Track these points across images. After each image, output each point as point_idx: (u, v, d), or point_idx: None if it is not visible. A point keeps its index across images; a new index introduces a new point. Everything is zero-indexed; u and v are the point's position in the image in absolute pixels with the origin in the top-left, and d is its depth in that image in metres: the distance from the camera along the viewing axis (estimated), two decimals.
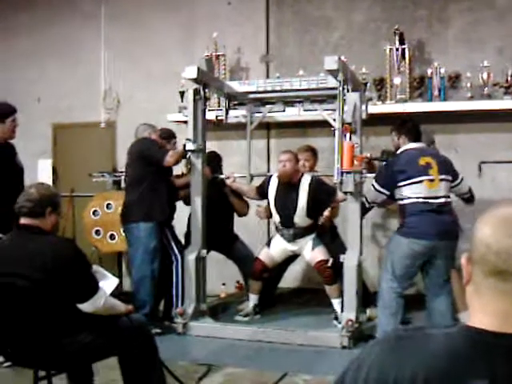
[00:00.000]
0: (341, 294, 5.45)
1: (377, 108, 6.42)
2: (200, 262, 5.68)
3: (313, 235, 5.73)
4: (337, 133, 5.01)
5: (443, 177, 5.04)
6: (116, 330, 3.40)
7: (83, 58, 8.11)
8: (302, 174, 5.74)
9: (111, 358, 3.47)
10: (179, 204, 6.11)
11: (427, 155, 5.07)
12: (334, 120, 5.30)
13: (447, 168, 5.15)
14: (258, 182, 6.15)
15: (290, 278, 6.96)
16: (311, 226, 5.73)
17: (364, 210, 5.35)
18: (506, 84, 6.31)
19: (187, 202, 6.01)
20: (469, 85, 6.48)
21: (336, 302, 5.54)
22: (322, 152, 6.46)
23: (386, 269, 5.10)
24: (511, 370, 1.18)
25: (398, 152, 5.22)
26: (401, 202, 5.09)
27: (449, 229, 5.00)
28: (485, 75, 6.38)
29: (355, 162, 4.99)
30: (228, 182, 6.07)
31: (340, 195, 5.48)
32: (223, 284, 6.94)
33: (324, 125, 5.84)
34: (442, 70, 6.57)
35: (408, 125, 5.28)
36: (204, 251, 5.70)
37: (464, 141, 6.70)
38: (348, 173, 4.98)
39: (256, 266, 5.85)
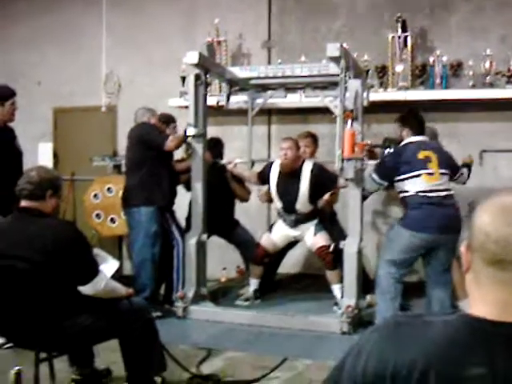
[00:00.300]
0: (341, 280, 5.47)
1: (378, 95, 6.42)
2: (201, 246, 5.69)
3: (315, 221, 5.74)
4: (338, 119, 5.01)
5: (443, 171, 5.06)
6: (116, 312, 3.42)
7: (84, 44, 8.09)
8: (304, 161, 5.74)
9: (112, 340, 3.49)
10: (180, 189, 6.11)
11: (427, 149, 5.09)
12: (336, 107, 5.29)
13: (448, 162, 5.17)
14: (259, 167, 6.16)
15: (290, 264, 6.98)
16: (313, 212, 5.74)
17: (362, 198, 5.37)
18: (509, 73, 6.29)
19: (188, 187, 6.01)
20: (471, 73, 6.47)
21: (336, 288, 5.56)
22: (323, 138, 6.46)
23: (385, 255, 5.13)
24: (509, 358, 1.18)
25: (400, 145, 5.24)
26: (401, 195, 5.13)
27: (450, 222, 5.00)
28: (487, 64, 6.36)
29: (356, 149, 4.99)
30: (229, 167, 6.07)
31: (341, 181, 5.49)
32: (224, 268, 6.96)
33: (325, 111, 5.83)
34: (444, 58, 6.55)
35: (411, 117, 5.28)
36: (205, 236, 5.71)
37: (465, 129, 6.70)
38: (349, 160, 4.98)
39: (258, 251, 5.86)
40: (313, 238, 5.69)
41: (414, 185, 4.98)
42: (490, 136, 6.61)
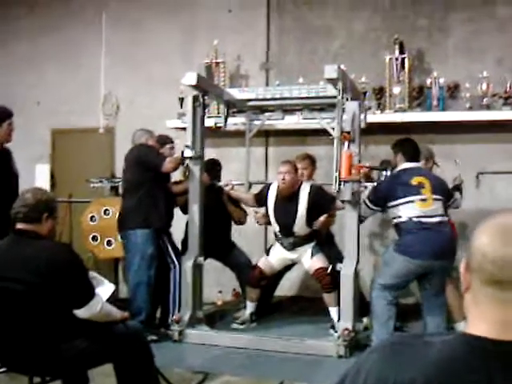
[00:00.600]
0: (338, 303, 5.45)
1: (376, 117, 6.44)
2: (197, 269, 5.66)
3: (312, 243, 5.72)
4: (335, 141, 5.00)
5: (437, 196, 5.10)
6: (112, 336, 3.39)
7: (83, 63, 8.12)
8: (301, 183, 5.73)
9: (106, 364, 3.45)
10: (176, 211, 6.09)
11: (420, 175, 5.13)
12: (333, 129, 5.30)
13: (441, 188, 5.21)
14: (256, 189, 6.14)
15: (287, 286, 6.95)
16: (310, 235, 5.72)
17: (359, 221, 5.38)
18: (505, 95, 6.32)
19: (184, 209, 5.99)
20: (468, 95, 6.49)
21: (333, 311, 5.52)
22: (320, 160, 6.46)
23: (379, 278, 5.15)
24: (508, 376, 1.18)
25: (393, 172, 5.29)
26: (395, 221, 5.16)
27: (444, 248, 5.02)
28: (484, 86, 6.39)
29: (353, 171, 4.99)
30: (226, 189, 6.06)
31: (339, 203, 5.49)
32: (220, 291, 6.93)
33: (323, 133, 5.83)
34: (442, 80, 6.58)
35: (405, 144, 5.35)
36: (201, 258, 5.68)
37: (462, 151, 6.70)
38: (346, 182, 4.98)
39: (254, 273, 5.83)
40: (310, 260, 5.67)
41: (407, 210, 5.01)
42: (486, 158, 6.62)
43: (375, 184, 5.47)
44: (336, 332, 5.22)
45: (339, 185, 4.95)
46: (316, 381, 4.43)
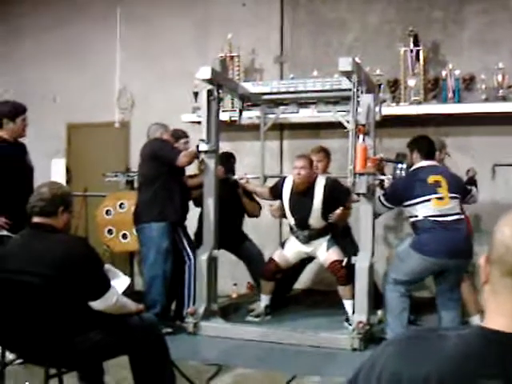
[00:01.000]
0: (353, 296, 5.45)
1: (391, 110, 6.41)
2: (212, 262, 5.68)
3: (328, 236, 5.72)
4: (350, 134, 4.99)
5: (453, 195, 5.08)
6: (127, 328, 3.41)
7: (98, 58, 8.16)
8: (317, 176, 5.72)
9: (122, 356, 3.47)
10: (190, 204, 6.11)
11: (437, 173, 5.12)
12: (348, 122, 5.29)
13: (457, 186, 5.19)
14: (271, 183, 6.14)
15: (302, 279, 6.94)
16: (326, 228, 5.70)
17: (374, 215, 5.37)
18: None
19: (198, 203, 6.01)
20: (483, 87, 6.44)
21: (348, 304, 5.52)
22: (335, 153, 6.44)
23: (393, 273, 5.14)
24: None
25: (410, 170, 5.28)
26: (411, 220, 5.16)
27: (460, 247, 5.01)
28: (499, 77, 6.34)
29: (368, 164, 4.98)
30: (241, 182, 6.07)
31: (355, 196, 5.48)
32: (234, 284, 6.94)
33: (337, 126, 5.82)
34: (457, 72, 6.53)
35: (421, 141, 5.33)
36: (216, 251, 5.70)
37: (478, 143, 6.67)
38: (361, 174, 4.97)
39: (269, 266, 5.84)
40: (326, 253, 5.65)
41: (423, 209, 5.01)
42: (502, 149, 6.57)
43: (389, 177, 5.46)
44: (350, 325, 5.23)
45: (354, 177, 4.94)
46: (330, 374, 4.41)
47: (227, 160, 6.23)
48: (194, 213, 6.14)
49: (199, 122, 5.88)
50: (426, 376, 1.21)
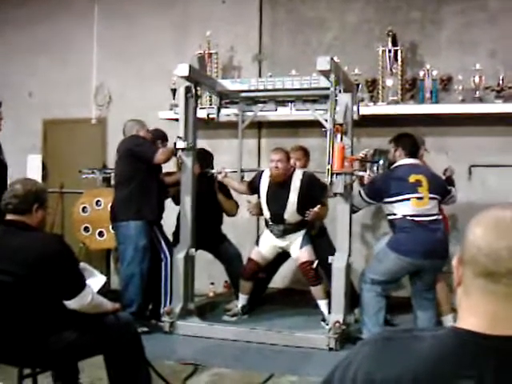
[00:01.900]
0: (327, 295, 5.45)
1: (369, 109, 6.42)
2: (189, 260, 5.66)
3: (303, 231, 5.71)
4: (328, 133, 4.98)
5: (433, 195, 5.11)
6: (102, 328, 3.38)
7: (75, 55, 8.09)
8: (294, 170, 5.71)
9: (97, 356, 3.44)
10: (167, 203, 6.07)
11: (418, 173, 5.13)
12: (326, 120, 5.28)
13: (438, 186, 5.22)
14: (248, 178, 6.13)
15: (279, 279, 6.94)
16: (301, 223, 5.68)
17: (351, 211, 5.37)
18: (498, 88, 6.31)
19: (176, 200, 5.98)
20: (460, 88, 6.48)
21: (322, 303, 5.53)
22: (313, 152, 6.43)
23: (369, 272, 5.16)
24: (498, 371, 1.17)
25: (392, 167, 5.29)
26: (389, 218, 5.17)
27: (437, 248, 5.05)
28: (477, 78, 6.37)
29: (346, 164, 4.98)
30: (219, 177, 6.04)
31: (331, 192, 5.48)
32: (212, 283, 6.92)
33: (315, 125, 5.82)
34: (434, 73, 6.57)
35: (404, 139, 5.36)
36: (193, 250, 5.68)
37: (455, 144, 6.71)
38: (338, 174, 4.97)
39: (249, 265, 5.82)
40: (298, 250, 5.66)
41: (402, 208, 5.03)
42: (478, 150, 6.62)
43: (368, 173, 5.47)
44: (327, 324, 5.23)
45: (331, 177, 4.94)
46: (306, 373, 4.42)
47: (203, 156, 6.17)
48: (170, 212, 6.10)
49: (177, 120, 5.87)
50: (397, 377, 1.22)
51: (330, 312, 5.32)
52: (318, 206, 5.57)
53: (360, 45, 7.02)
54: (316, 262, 5.52)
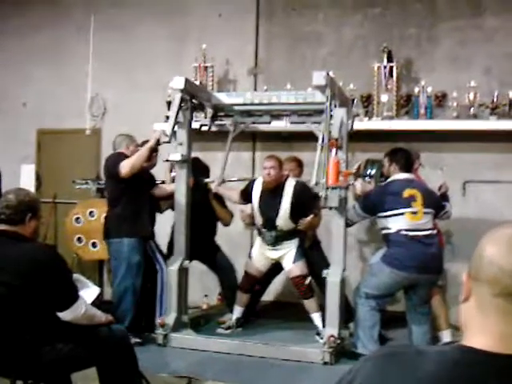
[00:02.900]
0: (320, 308, 5.44)
1: (363, 124, 6.44)
2: (182, 272, 5.64)
3: (295, 241, 5.68)
4: (318, 148, 4.93)
5: (427, 210, 5.13)
6: (96, 340, 3.37)
7: (71, 65, 8.08)
8: (287, 177, 5.72)
9: (90, 368, 3.42)
10: (161, 216, 6.05)
11: (413, 187, 5.15)
12: (321, 132, 5.27)
13: (432, 201, 5.24)
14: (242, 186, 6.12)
15: (273, 292, 6.94)
16: (293, 231, 5.67)
17: (346, 225, 5.37)
18: (492, 105, 6.35)
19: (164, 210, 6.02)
20: (455, 104, 6.51)
21: (316, 316, 5.52)
22: (307, 166, 6.42)
23: (364, 286, 5.17)
24: None
25: (386, 182, 5.31)
26: (383, 232, 5.18)
27: (431, 263, 5.07)
28: (471, 95, 6.41)
29: (341, 178, 4.99)
30: (213, 186, 6.02)
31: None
32: (205, 295, 6.89)
33: (310, 139, 5.82)
34: (429, 89, 6.60)
35: (399, 154, 5.38)
36: (187, 262, 5.66)
37: (449, 160, 6.72)
38: (333, 188, 4.97)
39: (247, 279, 5.82)
40: (291, 264, 5.64)
41: (396, 223, 5.04)
42: (473, 167, 6.65)
43: (360, 181, 5.50)
44: (321, 338, 5.21)
45: (326, 191, 4.93)
46: None
47: (198, 165, 6.13)
48: (163, 223, 6.09)
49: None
50: None
51: (324, 325, 5.31)
52: (311, 216, 5.57)
53: (355, 60, 7.05)
54: (309, 277, 5.52)
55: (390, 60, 6.70)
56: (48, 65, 8.18)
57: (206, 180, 6.12)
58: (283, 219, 5.60)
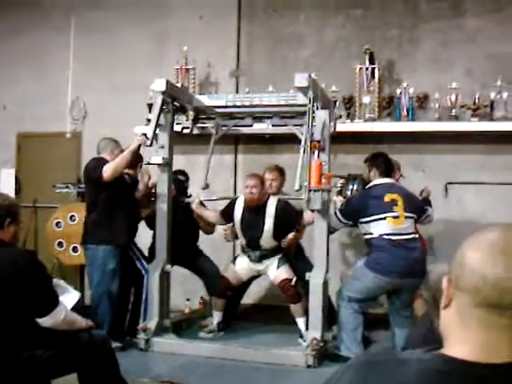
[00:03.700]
0: (305, 313, 5.42)
1: (345, 126, 6.44)
2: (164, 276, 5.59)
3: (279, 255, 5.70)
4: (301, 150, 4.91)
5: (409, 214, 5.13)
6: (76, 345, 3.33)
7: (52, 68, 8.03)
8: (269, 196, 5.70)
9: (71, 374, 3.38)
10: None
11: (394, 192, 5.15)
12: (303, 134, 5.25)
13: (414, 205, 5.23)
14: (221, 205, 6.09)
15: (256, 295, 6.91)
16: (277, 248, 5.69)
17: (328, 232, 5.35)
18: (474, 106, 6.37)
19: (150, 224, 5.96)
20: (437, 106, 6.53)
21: (301, 321, 5.50)
22: (289, 168, 6.40)
23: (346, 290, 5.15)
24: None
25: (366, 187, 5.30)
26: (366, 237, 5.17)
27: (414, 267, 5.05)
28: (453, 97, 6.44)
29: (323, 180, 4.97)
30: (193, 206, 5.99)
31: (306, 218, 5.51)
32: (187, 299, 6.84)
33: (292, 141, 5.81)
34: (411, 91, 6.61)
35: (380, 159, 5.38)
36: (169, 266, 5.61)
37: (431, 161, 6.74)
38: (316, 191, 4.94)
39: (221, 283, 5.79)
40: (276, 270, 5.65)
41: (378, 227, 5.04)
42: (455, 168, 6.67)
43: (348, 198, 5.49)
44: (304, 341, 5.19)
45: (309, 193, 4.91)
46: None
47: (178, 180, 6.11)
48: (145, 228, 6.05)
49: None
50: None
51: (307, 329, 5.28)
52: (293, 233, 5.58)
53: (337, 62, 7.05)
54: (295, 278, 5.50)
55: (371, 62, 6.71)
56: (29, 68, 8.11)
57: (187, 200, 6.08)
58: (266, 239, 5.62)
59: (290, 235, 5.59)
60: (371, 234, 5.09)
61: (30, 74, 8.11)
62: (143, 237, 6.05)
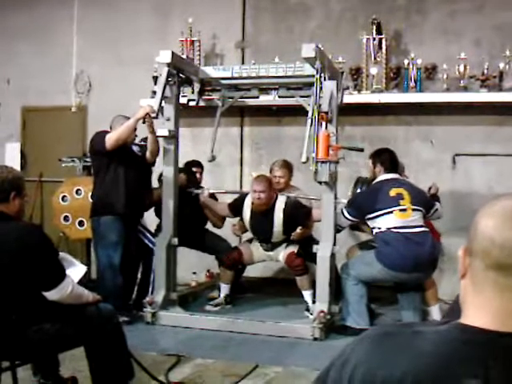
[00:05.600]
0: (312, 286, 5.41)
1: (353, 98, 6.38)
2: (171, 250, 5.58)
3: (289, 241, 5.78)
4: (308, 121, 4.87)
5: (416, 207, 5.08)
6: (83, 319, 3.32)
7: (55, 41, 7.97)
8: (277, 196, 5.71)
9: (78, 348, 3.37)
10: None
11: (399, 186, 5.12)
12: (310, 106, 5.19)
13: (420, 198, 5.20)
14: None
15: (262, 268, 6.89)
16: (288, 238, 5.75)
17: (336, 230, 5.34)
18: (483, 77, 6.27)
19: (157, 211, 5.95)
20: (445, 76, 6.44)
21: (307, 294, 5.51)
22: (297, 141, 6.37)
23: (354, 268, 5.14)
24: (506, 371, 1.11)
25: (372, 183, 5.31)
26: (374, 231, 5.15)
27: (422, 261, 5.01)
28: (461, 67, 6.34)
29: (331, 152, 4.92)
30: (201, 198, 5.97)
31: (314, 216, 5.56)
32: (194, 273, 6.84)
33: (299, 113, 5.76)
34: (419, 61, 6.52)
35: (383, 155, 5.37)
36: (175, 239, 5.59)
37: (439, 132, 6.68)
38: (323, 162, 4.90)
39: (233, 254, 5.81)
40: (284, 250, 5.72)
41: (386, 221, 5.02)
42: (463, 139, 6.60)
43: (354, 195, 5.48)
44: (311, 314, 5.19)
45: (316, 165, 4.86)
46: (291, 363, 4.36)
47: (190, 171, 6.12)
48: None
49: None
50: (401, 376, 1.15)
51: (314, 302, 5.28)
52: (300, 228, 5.62)
53: (344, 33, 6.96)
54: (298, 247, 5.60)
55: (379, 32, 6.61)
56: (32, 41, 8.05)
57: (196, 191, 6.09)
58: (277, 236, 5.70)
59: (299, 229, 5.63)
60: (379, 228, 5.06)
61: (33, 47, 8.05)
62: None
